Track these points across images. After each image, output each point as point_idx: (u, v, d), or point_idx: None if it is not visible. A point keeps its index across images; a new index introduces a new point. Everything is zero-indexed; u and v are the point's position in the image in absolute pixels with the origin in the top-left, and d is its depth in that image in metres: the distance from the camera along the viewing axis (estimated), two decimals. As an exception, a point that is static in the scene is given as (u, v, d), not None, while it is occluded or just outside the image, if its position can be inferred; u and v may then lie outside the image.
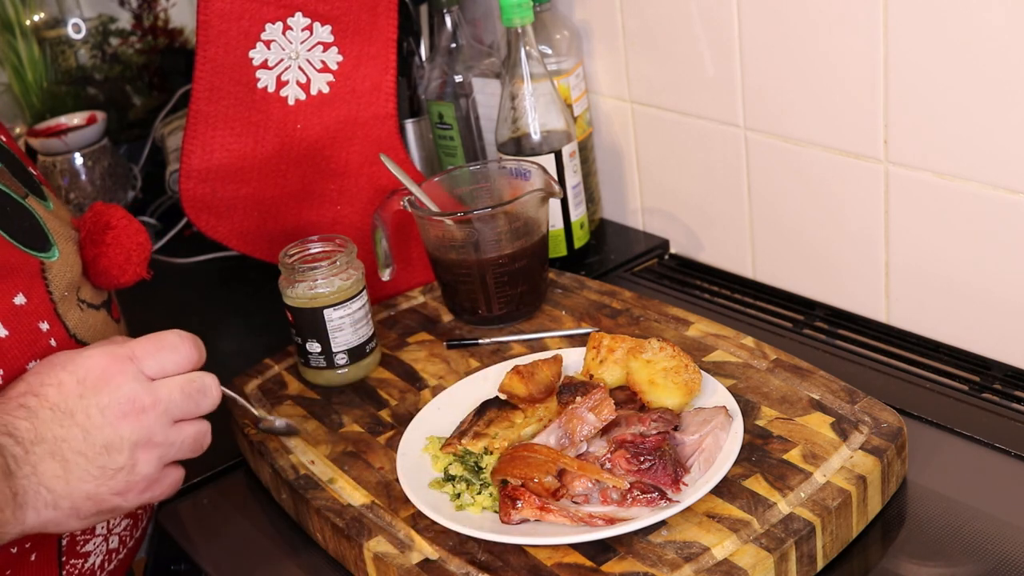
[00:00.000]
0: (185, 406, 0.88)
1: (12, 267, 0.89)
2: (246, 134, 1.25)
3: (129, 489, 0.85)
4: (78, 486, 0.83)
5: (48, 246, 0.93)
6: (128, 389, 0.84)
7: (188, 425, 0.89)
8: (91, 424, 0.83)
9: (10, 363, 0.87)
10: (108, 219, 1.00)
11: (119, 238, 0.99)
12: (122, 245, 0.99)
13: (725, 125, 1.32)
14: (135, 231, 1.01)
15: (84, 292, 0.98)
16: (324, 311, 1.13)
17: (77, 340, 0.94)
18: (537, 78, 1.33)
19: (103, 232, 1.00)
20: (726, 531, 0.87)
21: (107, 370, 0.85)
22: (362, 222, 1.31)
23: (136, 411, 0.84)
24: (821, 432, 0.97)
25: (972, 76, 1.06)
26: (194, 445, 0.90)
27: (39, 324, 0.90)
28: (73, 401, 0.83)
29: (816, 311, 1.29)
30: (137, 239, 1.01)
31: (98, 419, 0.83)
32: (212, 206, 1.29)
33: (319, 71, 1.26)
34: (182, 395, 0.87)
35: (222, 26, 1.21)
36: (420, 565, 0.90)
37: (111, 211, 1.01)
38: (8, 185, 0.93)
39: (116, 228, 1.00)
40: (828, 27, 1.16)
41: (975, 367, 1.15)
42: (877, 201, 1.19)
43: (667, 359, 1.02)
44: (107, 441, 0.83)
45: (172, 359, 0.88)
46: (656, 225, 1.49)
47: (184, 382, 0.88)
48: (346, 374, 1.16)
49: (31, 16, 1.75)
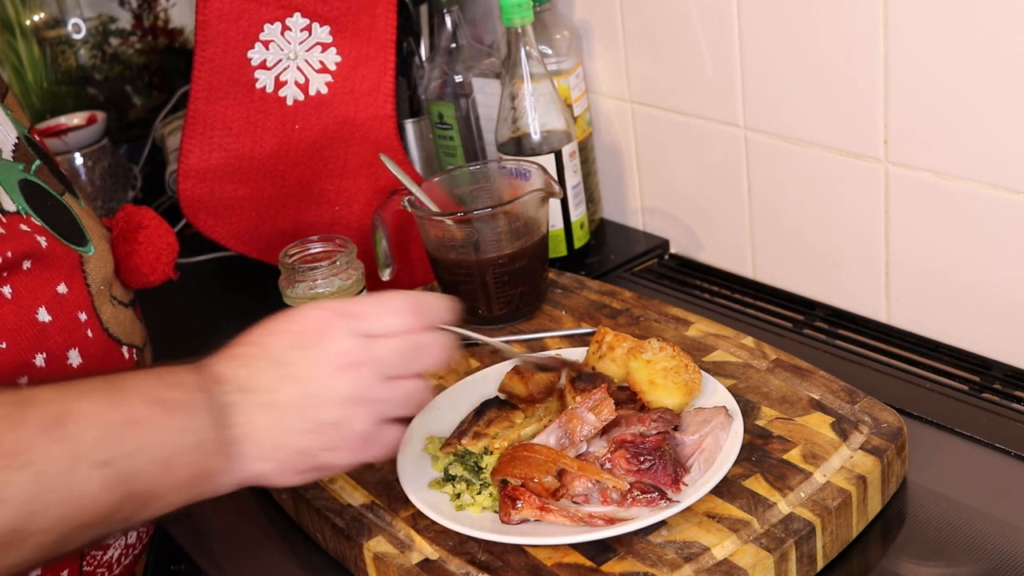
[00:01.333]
0: (401, 364, 0.84)
1: (56, 257, 0.90)
2: (244, 134, 1.25)
3: (342, 446, 0.83)
4: (290, 439, 0.81)
5: (85, 241, 0.95)
6: (344, 344, 0.82)
7: (405, 382, 0.85)
8: (305, 376, 0.81)
9: (53, 347, 0.88)
10: (140, 219, 1.03)
11: (151, 237, 1.03)
12: (153, 244, 1.03)
13: (725, 125, 1.32)
14: (165, 232, 1.05)
15: (115, 289, 1.00)
16: None
17: (110, 334, 0.96)
18: (537, 78, 1.33)
19: (135, 231, 1.03)
20: (726, 531, 0.87)
21: (325, 323, 0.83)
22: (360, 223, 1.31)
23: (351, 365, 0.82)
24: (821, 432, 0.97)
25: (972, 76, 1.06)
26: (410, 402, 0.86)
27: (78, 314, 0.92)
28: (289, 352, 0.82)
29: (816, 311, 1.29)
30: (167, 239, 1.05)
31: (311, 371, 0.81)
32: (210, 206, 1.29)
33: (318, 72, 1.26)
34: (399, 353, 0.84)
35: (221, 26, 1.21)
36: (420, 565, 0.90)
37: (143, 212, 1.05)
38: (47, 182, 0.95)
39: (148, 228, 1.03)
40: (828, 27, 1.16)
41: (975, 367, 1.15)
42: (877, 201, 1.19)
43: (667, 359, 1.02)
44: (320, 394, 0.81)
45: (392, 320, 0.85)
46: (656, 225, 1.49)
47: (402, 340, 0.85)
48: None
49: (31, 16, 1.75)
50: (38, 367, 0.87)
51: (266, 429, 0.80)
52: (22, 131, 0.98)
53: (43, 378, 0.87)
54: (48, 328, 0.88)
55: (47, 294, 0.89)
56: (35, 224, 0.90)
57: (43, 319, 0.88)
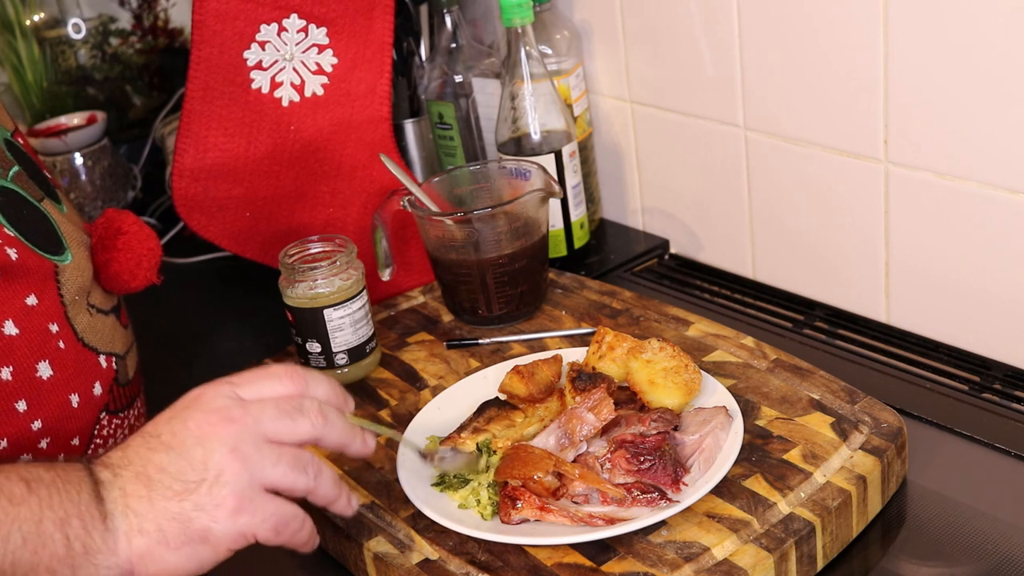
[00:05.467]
0: (280, 423, 0.81)
1: (27, 269, 0.89)
2: (239, 134, 1.25)
3: (216, 506, 0.78)
4: (161, 504, 0.78)
5: (62, 250, 0.94)
6: (219, 403, 0.81)
7: (288, 448, 0.81)
8: (176, 440, 0.79)
9: (19, 361, 0.87)
10: (120, 224, 1.00)
11: (130, 243, 1.00)
12: (133, 251, 1.00)
13: (725, 125, 1.32)
14: (146, 236, 1.02)
15: (94, 297, 0.98)
16: (324, 311, 1.13)
17: (85, 344, 0.94)
18: (537, 78, 1.33)
19: (115, 237, 1.00)
20: (726, 531, 0.87)
21: (203, 391, 0.82)
22: (355, 225, 1.31)
23: (224, 421, 0.80)
24: (821, 432, 0.97)
25: (972, 76, 1.06)
26: (295, 468, 0.81)
27: (49, 326, 0.90)
28: (163, 425, 0.81)
29: (816, 311, 1.29)
30: (148, 244, 1.01)
31: (183, 434, 0.79)
32: (204, 206, 1.28)
33: (314, 73, 1.26)
34: (276, 411, 0.81)
35: (217, 26, 1.21)
36: (420, 565, 0.90)
37: (123, 217, 1.01)
38: (25, 188, 0.93)
39: (128, 234, 1.00)
40: (828, 27, 1.16)
41: (975, 367, 1.15)
42: (877, 201, 1.19)
43: (667, 359, 1.02)
44: (190, 453, 0.79)
45: (270, 383, 0.83)
46: (656, 225, 1.49)
47: (280, 399, 0.82)
48: (346, 374, 1.16)
49: (31, 16, 1.75)
50: (4, 380, 0.86)
51: (139, 497, 0.78)
52: (3, 135, 0.96)
53: (11, 392, 0.86)
54: (15, 341, 0.87)
55: (15, 307, 0.87)
56: (7, 235, 0.88)
57: (9, 332, 0.86)
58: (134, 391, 1.03)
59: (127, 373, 1.01)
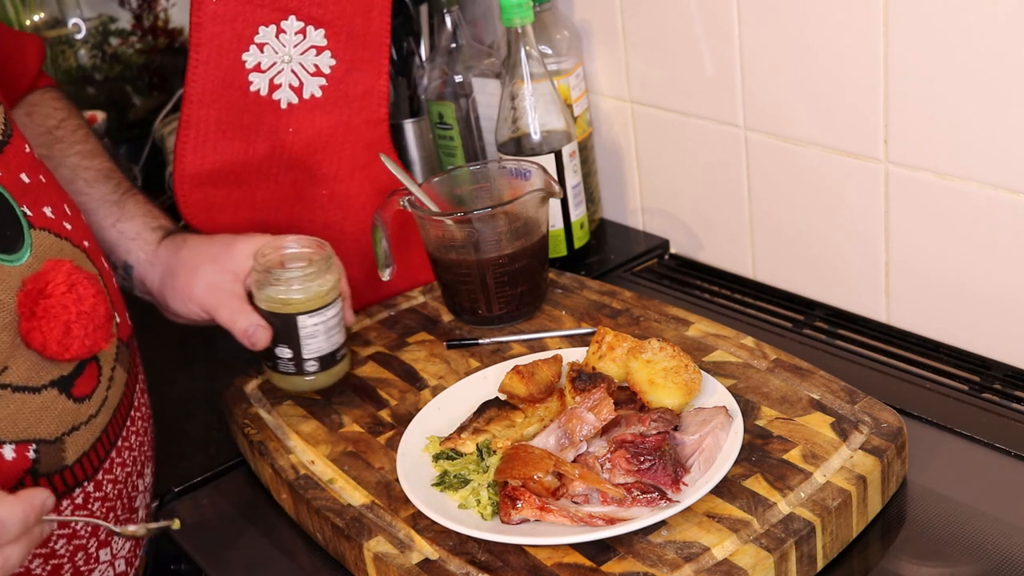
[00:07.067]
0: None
1: None
2: (238, 137, 1.25)
3: None
4: None
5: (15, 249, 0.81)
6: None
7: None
8: None
9: None
10: (44, 285, 0.84)
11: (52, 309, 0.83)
12: (57, 318, 0.83)
13: (725, 125, 1.32)
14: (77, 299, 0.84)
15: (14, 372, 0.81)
16: (298, 317, 1.10)
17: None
18: (537, 78, 1.33)
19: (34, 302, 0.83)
20: (726, 531, 0.87)
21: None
22: (354, 226, 1.31)
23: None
24: (821, 432, 0.97)
25: (972, 76, 1.06)
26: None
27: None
28: None
29: (816, 311, 1.29)
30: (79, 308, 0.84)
31: None
32: (205, 208, 1.28)
33: (312, 75, 1.26)
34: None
35: (215, 28, 1.21)
36: (420, 565, 0.90)
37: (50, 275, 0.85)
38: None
39: (51, 297, 0.83)
40: (828, 27, 1.16)
41: (975, 367, 1.15)
42: (877, 201, 1.19)
43: (667, 359, 1.02)
44: None
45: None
46: (656, 225, 1.49)
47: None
48: (314, 381, 1.13)
49: (31, 16, 1.75)
50: None
51: None
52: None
53: None
54: None
55: None
56: None
57: None
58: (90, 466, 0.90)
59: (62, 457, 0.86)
